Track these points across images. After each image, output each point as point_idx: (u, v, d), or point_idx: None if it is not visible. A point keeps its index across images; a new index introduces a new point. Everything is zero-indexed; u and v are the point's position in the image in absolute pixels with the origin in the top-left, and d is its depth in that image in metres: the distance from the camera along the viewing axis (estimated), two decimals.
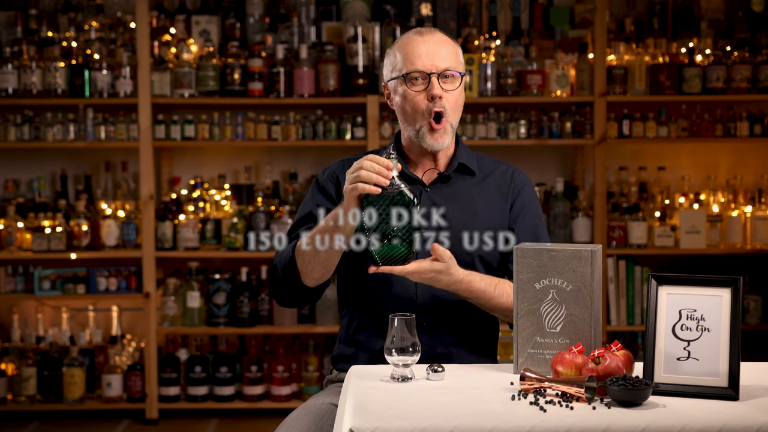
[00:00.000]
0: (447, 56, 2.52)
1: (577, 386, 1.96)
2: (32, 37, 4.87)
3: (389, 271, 2.31)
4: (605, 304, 4.84)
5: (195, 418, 4.87)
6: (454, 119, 2.54)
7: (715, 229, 4.87)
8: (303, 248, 2.44)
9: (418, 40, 2.53)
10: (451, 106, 2.51)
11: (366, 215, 2.28)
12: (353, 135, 4.83)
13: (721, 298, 2.03)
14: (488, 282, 2.46)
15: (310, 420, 2.31)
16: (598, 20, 4.80)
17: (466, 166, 2.60)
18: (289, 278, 2.50)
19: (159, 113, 4.91)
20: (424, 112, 2.50)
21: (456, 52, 2.56)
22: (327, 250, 2.40)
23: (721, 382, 2.00)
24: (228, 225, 4.81)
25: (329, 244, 2.39)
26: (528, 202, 2.62)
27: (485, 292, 2.45)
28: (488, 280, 2.46)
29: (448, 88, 2.51)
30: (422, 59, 2.50)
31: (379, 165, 2.28)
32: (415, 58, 2.51)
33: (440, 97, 2.49)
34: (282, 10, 5.02)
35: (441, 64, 2.50)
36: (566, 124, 4.86)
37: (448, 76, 2.51)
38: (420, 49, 2.51)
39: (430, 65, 2.50)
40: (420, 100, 2.50)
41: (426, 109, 2.50)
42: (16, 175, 5.06)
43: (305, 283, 2.50)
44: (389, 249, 2.29)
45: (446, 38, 2.57)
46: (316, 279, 2.48)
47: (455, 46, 2.57)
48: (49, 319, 5.01)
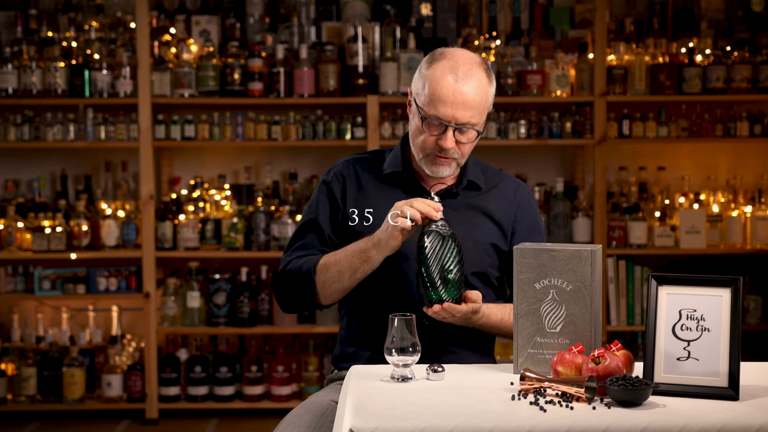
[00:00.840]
0: (472, 110, 2.42)
1: (577, 386, 1.96)
2: (32, 37, 4.87)
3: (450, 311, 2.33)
4: (605, 304, 4.84)
5: (195, 418, 4.87)
6: (462, 160, 2.52)
7: (715, 229, 4.87)
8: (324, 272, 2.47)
9: (450, 85, 2.42)
10: (464, 152, 2.49)
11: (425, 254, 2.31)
12: (353, 135, 4.83)
13: (721, 298, 2.03)
14: (503, 312, 2.50)
15: (311, 417, 2.32)
16: (598, 20, 4.80)
17: (473, 182, 2.60)
18: (305, 293, 2.52)
19: (159, 113, 4.91)
20: (430, 150, 2.49)
21: (485, 103, 2.46)
22: (350, 280, 2.45)
23: (721, 382, 2.00)
24: (228, 225, 4.81)
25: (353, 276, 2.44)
26: (533, 221, 2.64)
27: (501, 322, 2.50)
28: (501, 309, 2.50)
29: (461, 140, 2.46)
30: (446, 107, 2.41)
31: (429, 207, 2.32)
32: (438, 103, 2.42)
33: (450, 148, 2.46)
34: (282, 10, 5.02)
35: (462, 117, 2.42)
36: (566, 124, 4.86)
37: (465, 131, 2.45)
38: (448, 95, 2.41)
39: (450, 116, 2.42)
40: (430, 141, 2.47)
41: (433, 149, 2.48)
42: (16, 175, 5.06)
43: (321, 302, 2.54)
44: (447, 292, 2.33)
45: (480, 86, 2.43)
46: (333, 300, 2.53)
47: (487, 95, 2.46)
48: (49, 319, 5.01)
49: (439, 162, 2.49)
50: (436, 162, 2.49)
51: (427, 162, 2.50)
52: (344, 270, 2.44)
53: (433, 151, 2.48)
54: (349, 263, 2.44)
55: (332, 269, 2.46)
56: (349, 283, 2.46)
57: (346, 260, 2.44)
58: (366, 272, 2.43)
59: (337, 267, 2.45)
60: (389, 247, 2.38)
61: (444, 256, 2.31)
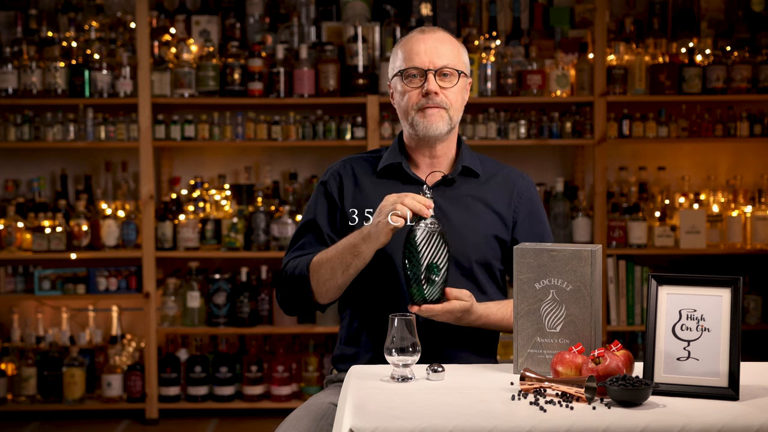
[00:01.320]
0: (446, 54, 2.51)
1: (577, 386, 1.96)
2: (32, 37, 4.87)
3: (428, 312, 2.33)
4: (605, 304, 4.84)
5: (195, 418, 4.87)
6: (454, 114, 2.52)
7: (715, 229, 4.87)
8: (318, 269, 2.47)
9: (419, 38, 2.53)
10: (450, 101, 2.50)
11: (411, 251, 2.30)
12: (353, 135, 4.83)
13: (721, 298, 2.03)
14: (503, 310, 2.49)
15: (310, 419, 2.32)
16: (598, 20, 4.80)
17: (469, 169, 2.59)
18: (300, 293, 2.52)
19: (159, 113, 4.91)
20: (417, 104, 2.50)
21: (457, 51, 2.54)
22: (343, 276, 2.44)
23: (721, 382, 2.00)
24: (228, 225, 4.82)
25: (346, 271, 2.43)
26: (533, 209, 2.61)
27: (503, 320, 2.49)
28: (502, 308, 2.50)
29: (445, 85, 2.50)
30: (420, 56, 2.50)
31: (420, 203, 2.31)
32: (413, 55, 2.51)
33: (435, 93, 2.48)
34: (282, 10, 5.02)
35: (439, 61, 2.49)
36: (566, 124, 4.86)
37: (447, 74, 2.50)
38: (419, 46, 2.51)
39: (427, 62, 2.49)
40: (414, 95, 2.50)
41: (419, 101, 2.50)
42: (16, 175, 5.06)
43: (318, 301, 2.53)
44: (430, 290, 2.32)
45: (448, 37, 2.55)
46: (330, 298, 2.52)
47: (457, 45, 2.56)
48: (49, 319, 5.01)
49: (429, 113, 2.49)
50: (426, 114, 2.50)
51: (418, 119, 2.51)
52: (336, 266, 2.44)
53: (420, 104, 2.49)
54: (341, 259, 2.43)
55: (325, 266, 2.46)
56: (342, 280, 2.45)
57: (338, 256, 2.44)
58: (358, 267, 2.42)
59: (330, 264, 2.45)
60: (379, 242, 2.37)
61: (430, 254, 2.30)
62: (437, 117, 2.50)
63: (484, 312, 2.45)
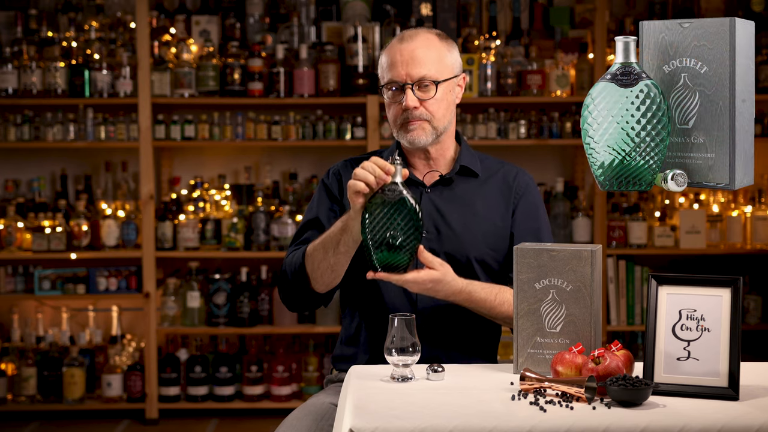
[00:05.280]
0: (426, 62, 2.46)
1: (577, 386, 1.96)
2: (32, 37, 4.87)
3: (386, 278, 2.30)
4: (605, 304, 4.84)
5: (195, 418, 4.87)
6: (438, 123, 2.49)
7: (715, 229, 4.87)
8: (312, 253, 2.44)
9: (397, 48, 2.48)
10: (431, 112, 2.47)
11: (367, 220, 2.27)
12: (353, 135, 4.84)
13: (721, 298, 2.03)
14: (489, 291, 2.45)
15: (310, 420, 2.31)
16: (598, 20, 4.80)
17: (468, 169, 2.58)
18: (300, 284, 2.50)
19: (159, 113, 4.91)
20: (400, 119, 2.49)
21: (439, 55, 2.48)
22: (335, 255, 2.40)
23: (721, 382, 1.99)
24: (228, 225, 4.82)
25: (337, 249, 2.38)
26: (531, 205, 2.59)
27: (486, 301, 2.44)
28: (489, 289, 2.45)
29: (425, 97, 2.46)
30: (397, 68, 2.46)
31: (379, 167, 2.26)
32: (391, 67, 2.47)
33: (415, 107, 2.45)
34: (282, 10, 5.02)
35: (416, 72, 2.45)
36: (566, 124, 4.86)
37: (426, 84, 2.46)
38: (396, 57, 2.47)
39: (404, 75, 2.45)
40: (397, 109, 2.48)
41: (401, 116, 2.48)
42: (16, 175, 5.06)
43: (315, 289, 2.50)
44: (389, 256, 2.28)
45: (429, 41, 2.49)
46: (326, 284, 2.48)
47: (440, 48, 2.49)
48: (49, 319, 5.01)
49: (409, 128, 2.47)
50: (407, 129, 2.48)
51: (402, 133, 2.49)
52: (328, 245, 2.40)
53: (402, 119, 2.48)
54: (332, 237, 2.40)
55: (318, 249, 2.43)
56: (335, 259, 2.40)
57: (328, 236, 2.41)
58: (348, 244, 2.37)
59: (322, 244, 2.42)
60: (354, 210, 2.30)
61: (386, 219, 2.25)
62: (419, 131, 2.48)
63: (465, 287, 2.40)
